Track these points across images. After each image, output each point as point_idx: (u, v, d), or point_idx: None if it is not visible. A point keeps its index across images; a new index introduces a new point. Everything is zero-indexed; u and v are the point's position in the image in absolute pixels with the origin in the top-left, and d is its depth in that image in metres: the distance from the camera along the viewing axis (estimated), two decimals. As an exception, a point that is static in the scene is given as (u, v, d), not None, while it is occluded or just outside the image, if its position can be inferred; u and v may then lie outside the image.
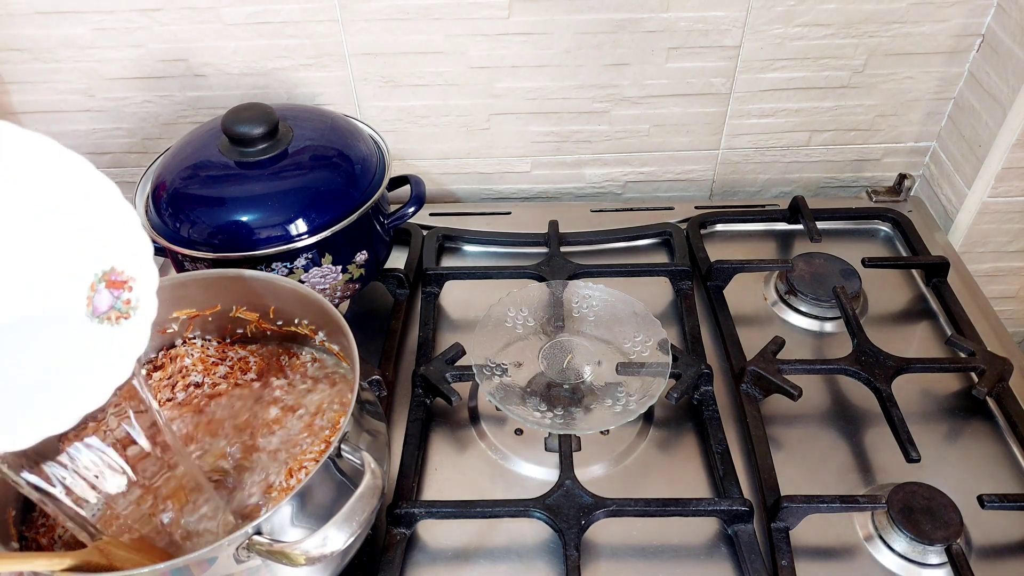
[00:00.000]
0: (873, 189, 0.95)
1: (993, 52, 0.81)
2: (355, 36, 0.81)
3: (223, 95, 0.85)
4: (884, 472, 0.65)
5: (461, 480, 0.65)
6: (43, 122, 0.87)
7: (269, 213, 0.65)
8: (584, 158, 0.93)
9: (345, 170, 0.69)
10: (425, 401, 0.69)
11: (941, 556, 0.58)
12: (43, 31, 0.80)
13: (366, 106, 0.87)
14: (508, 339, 0.72)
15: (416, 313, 0.79)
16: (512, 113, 0.88)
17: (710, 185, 0.96)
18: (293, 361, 0.63)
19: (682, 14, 0.80)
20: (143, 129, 0.89)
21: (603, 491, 0.60)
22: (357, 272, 0.71)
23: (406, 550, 0.59)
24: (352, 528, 0.45)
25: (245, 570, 0.46)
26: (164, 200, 0.68)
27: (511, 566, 0.59)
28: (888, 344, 0.70)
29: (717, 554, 0.60)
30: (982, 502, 0.59)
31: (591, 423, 0.65)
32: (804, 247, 0.85)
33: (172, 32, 0.80)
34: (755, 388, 0.69)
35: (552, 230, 0.86)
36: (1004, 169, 0.81)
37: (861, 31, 0.82)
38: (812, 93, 0.87)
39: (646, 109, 0.88)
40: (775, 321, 0.79)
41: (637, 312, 0.71)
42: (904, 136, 0.92)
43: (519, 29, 0.81)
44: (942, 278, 0.80)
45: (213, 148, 0.69)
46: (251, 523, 0.44)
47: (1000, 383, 0.68)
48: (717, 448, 0.65)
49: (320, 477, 0.48)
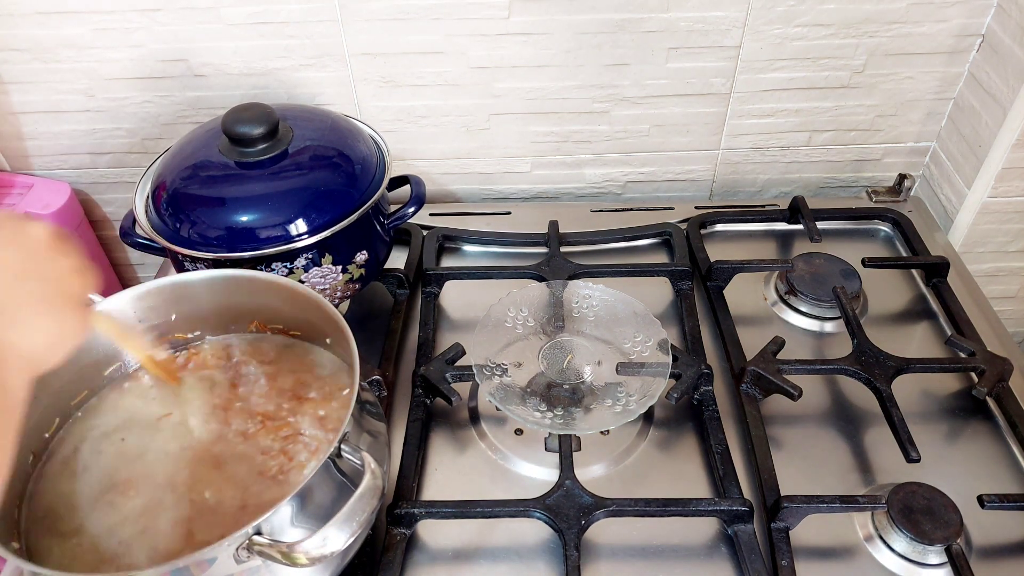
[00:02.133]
0: (873, 189, 0.95)
1: (993, 52, 0.81)
2: (355, 36, 0.81)
3: (223, 95, 0.85)
4: (884, 472, 0.65)
5: (461, 480, 0.65)
6: (43, 122, 0.87)
7: (269, 213, 0.65)
8: (584, 158, 0.93)
9: (345, 170, 0.69)
10: (425, 401, 0.69)
11: (941, 556, 0.58)
12: (43, 31, 0.80)
13: (366, 106, 0.87)
14: (508, 339, 0.72)
15: (416, 313, 0.79)
16: (512, 113, 0.88)
17: (710, 185, 0.96)
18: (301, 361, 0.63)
19: (682, 14, 0.80)
20: (143, 129, 0.89)
21: (603, 491, 0.60)
22: (357, 272, 0.71)
23: (406, 550, 0.59)
24: (352, 528, 0.45)
25: (245, 570, 0.46)
26: (164, 200, 0.68)
27: (511, 566, 0.59)
28: (888, 344, 0.70)
29: (717, 554, 0.60)
30: (982, 502, 0.59)
31: (591, 423, 0.65)
32: (804, 247, 0.85)
33: (172, 32, 0.80)
34: (755, 388, 0.69)
35: (552, 230, 0.86)
36: (1004, 169, 0.81)
37: (861, 31, 0.82)
38: (812, 93, 0.87)
39: (646, 109, 0.88)
40: (775, 321, 0.79)
41: (637, 312, 0.71)
42: (904, 136, 0.92)
43: (519, 29, 0.81)
44: (942, 278, 0.80)
45: (213, 148, 0.69)
46: (251, 523, 0.44)
47: (1000, 383, 0.68)
48: (717, 448, 0.65)
49: (320, 477, 0.48)
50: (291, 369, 0.63)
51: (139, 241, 0.70)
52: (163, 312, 0.62)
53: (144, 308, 0.61)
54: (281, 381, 0.61)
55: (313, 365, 0.63)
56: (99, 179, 0.94)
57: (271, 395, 0.60)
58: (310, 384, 0.61)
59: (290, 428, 0.57)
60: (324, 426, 0.57)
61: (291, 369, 0.63)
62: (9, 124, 0.87)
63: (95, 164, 0.92)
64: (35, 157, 0.91)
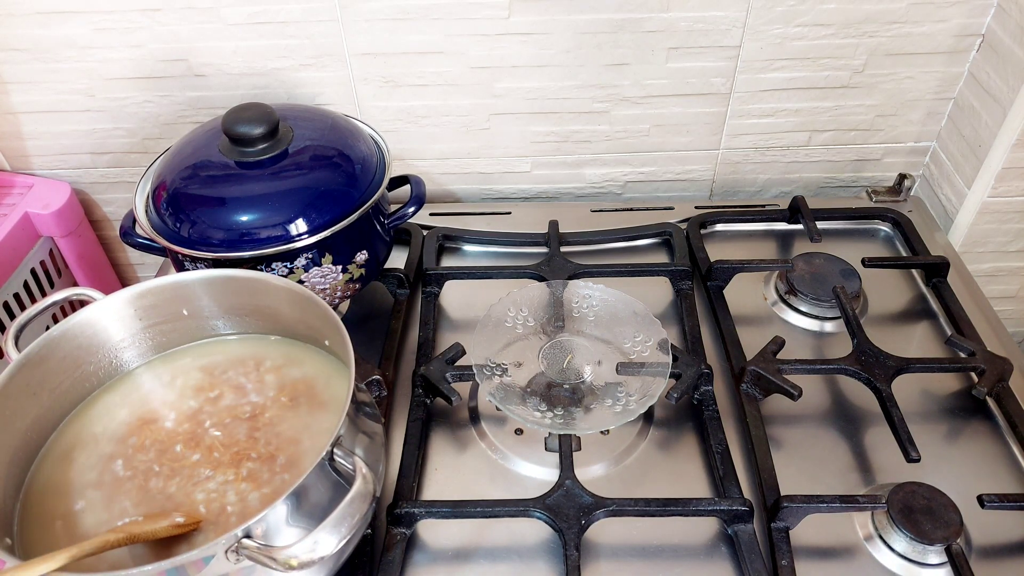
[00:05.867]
0: (873, 189, 0.95)
1: (993, 52, 0.81)
2: (355, 36, 0.81)
3: (223, 95, 0.85)
4: (884, 472, 0.65)
5: (461, 480, 0.65)
6: (43, 122, 0.87)
7: (269, 213, 0.65)
8: (584, 158, 0.93)
9: (345, 170, 0.69)
10: (425, 401, 0.69)
11: (941, 556, 0.58)
12: (43, 31, 0.80)
13: (366, 106, 0.87)
14: (508, 339, 0.72)
15: (416, 313, 0.79)
16: (512, 113, 0.88)
17: (710, 185, 0.96)
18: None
19: (682, 14, 0.80)
20: (143, 129, 0.89)
21: (603, 491, 0.60)
22: (357, 272, 0.71)
23: (406, 550, 0.59)
24: (342, 532, 0.45)
25: (240, 570, 0.46)
26: (164, 200, 0.68)
27: (511, 566, 0.59)
28: (888, 344, 0.70)
29: (717, 554, 0.60)
30: (982, 502, 0.59)
31: (591, 423, 0.65)
32: (804, 247, 0.85)
33: (172, 32, 0.80)
34: (755, 388, 0.69)
35: (552, 230, 0.86)
36: (1004, 169, 0.81)
37: (861, 31, 0.82)
38: (812, 93, 0.87)
39: (646, 109, 0.88)
40: (775, 321, 0.79)
41: (637, 312, 0.71)
42: (904, 136, 0.92)
43: (519, 29, 0.81)
44: (942, 278, 0.80)
45: (213, 148, 0.69)
46: (240, 526, 0.44)
47: (1000, 383, 0.68)
48: (717, 448, 0.65)
49: (314, 479, 0.48)
50: (290, 371, 0.63)
51: (139, 241, 0.70)
52: (163, 312, 0.62)
53: (144, 307, 0.61)
54: (280, 383, 0.61)
55: (312, 367, 0.63)
56: (99, 179, 0.94)
57: (269, 397, 0.60)
58: (309, 385, 0.61)
59: (288, 430, 0.57)
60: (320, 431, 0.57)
61: (290, 371, 0.63)
62: (9, 124, 0.87)
63: (95, 164, 0.92)
64: (35, 157, 0.91)
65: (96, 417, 0.59)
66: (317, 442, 0.56)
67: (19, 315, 0.60)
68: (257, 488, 0.54)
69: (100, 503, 0.54)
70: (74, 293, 0.61)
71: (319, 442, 0.56)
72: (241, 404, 0.60)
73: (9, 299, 0.84)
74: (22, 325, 0.59)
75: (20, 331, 0.59)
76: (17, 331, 0.59)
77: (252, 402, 0.60)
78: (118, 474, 0.55)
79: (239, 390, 0.61)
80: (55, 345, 0.56)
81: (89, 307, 0.59)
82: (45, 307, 0.60)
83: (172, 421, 0.59)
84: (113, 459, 0.56)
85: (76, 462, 0.56)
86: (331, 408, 0.59)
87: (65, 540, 0.51)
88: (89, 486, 0.55)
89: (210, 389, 0.61)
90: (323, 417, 0.58)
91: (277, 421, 0.58)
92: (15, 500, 0.53)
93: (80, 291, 0.61)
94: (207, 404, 0.60)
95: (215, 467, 0.55)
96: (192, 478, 0.55)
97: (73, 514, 0.53)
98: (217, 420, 0.58)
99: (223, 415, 0.59)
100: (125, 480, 0.55)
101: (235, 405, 0.59)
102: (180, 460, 0.56)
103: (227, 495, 0.53)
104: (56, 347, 0.57)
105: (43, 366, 0.56)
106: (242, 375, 0.62)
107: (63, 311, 0.88)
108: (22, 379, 0.54)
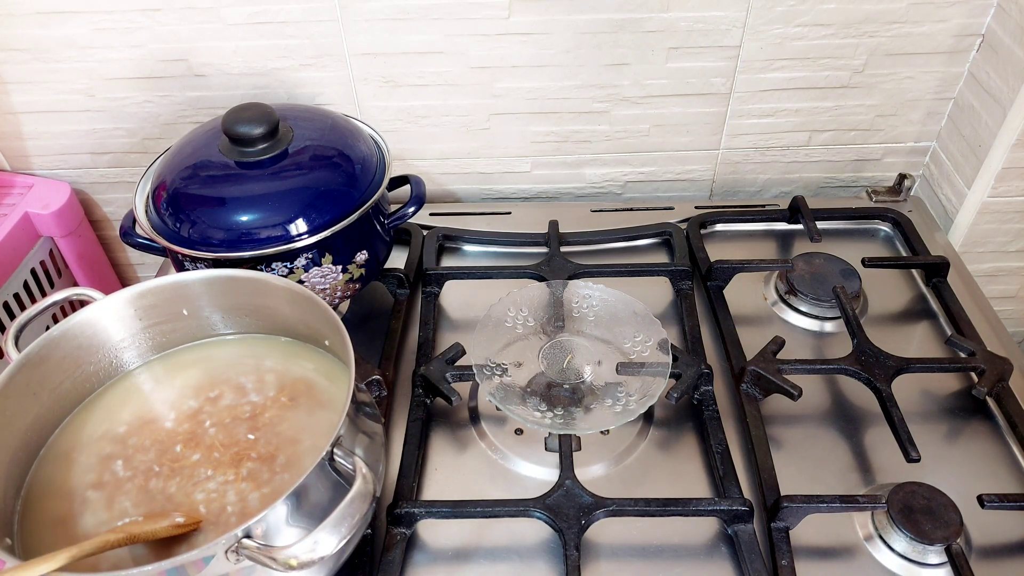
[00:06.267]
0: (873, 189, 0.95)
1: (993, 52, 0.81)
2: (355, 36, 0.81)
3: (223, 95, 0.85)
4: (884, 472, 0.65)
5: (461, 480, 0.65)
6: (43, 122, 0.87)
7: (269, 213, 0.65)
8: (584, 158, 0.93)
9: (345, 170, 0.69)
10: (425, 401, 0.69)
11: (941, 556, 0.58)
12: (43, 31, 0.80)
13: (366, 106, 0.87)
14: (508, 339, 0.72)
15: (416, 313, 0.79)
16: (512, 113, 0.88)
17: (710, 185, 0.96)
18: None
19: (682, 14, 0.80)
20: (143, 129, 0.89)
21: (603, 491, 0.60)
22: (357, 272, 0.71)
23: (406, 550, 0.59)
24: (342, 532, 0.45)
25: (240, 570, 0.46)
26: (164, 200, 0.68)
27: (511, 566, 0.59)
28: (888, 344, 0.70)
29: (717, 554, 0.60)
30: (982, 502, 0.59)
31: (591, 423, 0.65)
32: (804, 247, 0.85)
33: (172, 32, 0.80)
34: (755, 388, 0.69)
35: (552, 230, 0.86)
36: (1004, 169, 0.81)
37: (861, 31, 0.82)
38: (812, 93, 0.87)
39: (646, 109, 0.88)
40: (775, 321, 0.79)
41: (637, 312, 0.71)
42: (904, 136, 0.92)
43: (519, 29, 0.81)
44: (942, 278, 0.80)
45: (213, 148, 0.69)
46: (240, 526, 0.44)
47: (1000, 383, 0.68)
48: (717, 448, 0.65)
49: (314, 479, 0.48)
50: (290, 371, 0.63)
51: (139, 241, 0.70)
52: (163, 312, 0.62)
53: (144, 307, 0.61)
54: (280, 382, 0.61)
55: (312, 367, 0.63)
56: (99, 179, 0.94)
57: (269, 397, 0.60)
58: (309, 385, 0.61)
59: (288, 430, 0.57)
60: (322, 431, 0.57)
61: (290, 371, 0.63)
62: (9, 124, 0.87)
63: (95, 164, 0.92)
64: (35, 157, 0.91)
65: (96, 417, 0.59)
66: (317, 442, 0.56)
67: (19, 315, 0.60)
68: (257, 488, 0.54)
69: (100, 503, 0.54)
70: (74, 293, 0.61)
71: (319, 442, 0.56)
72: (241, 404, 0.60)
73: (9, 299, 0.84)
74: (22, 325, 0.59)
75: (20, 331, 0.59)
76: (17, 331, 0.59)
77: (252, 402, 0.60)
78: (118, 474, 0.55)
79: (239, 390, 0.61)
80: (55, 345, 0.56)
81: (89, 307, 0.59)
82: (45, 307, 0.60)
83: (172, 421, 0.59)
84: (113, 459, 0.56)
85: (76, 462, 0.56)
86: (331, 408, 0.59)
87: (65, 540, 0.51)
88: (89, 486, 0.55)
89: (210, 389, 0.61)
90: (323, 417, 0.58)
91: (277, 421, 0.58)
92: (15, 500, 0.53)
93: (80, 291, 0.61)
94: (207, 404, 0.60)
95: (215, 467, 0.55)
96: (192, 478, 0.55)
97: (73, 514, 0.53)
98: (217, 420, 0.58)
99: (223, 415, 0.59)
100: (125, 480, 0.55)
101: (235, 405, 0.59)
102: (180, 460, 0.56)
103: (227, 495, 0.53)
104: (56, 347, 0.57)
105: (43, 366, 0.56)
106: (242, 375, 0.62)
107: (63, 311, 0.88)
108: (22, 379, 0.54)
